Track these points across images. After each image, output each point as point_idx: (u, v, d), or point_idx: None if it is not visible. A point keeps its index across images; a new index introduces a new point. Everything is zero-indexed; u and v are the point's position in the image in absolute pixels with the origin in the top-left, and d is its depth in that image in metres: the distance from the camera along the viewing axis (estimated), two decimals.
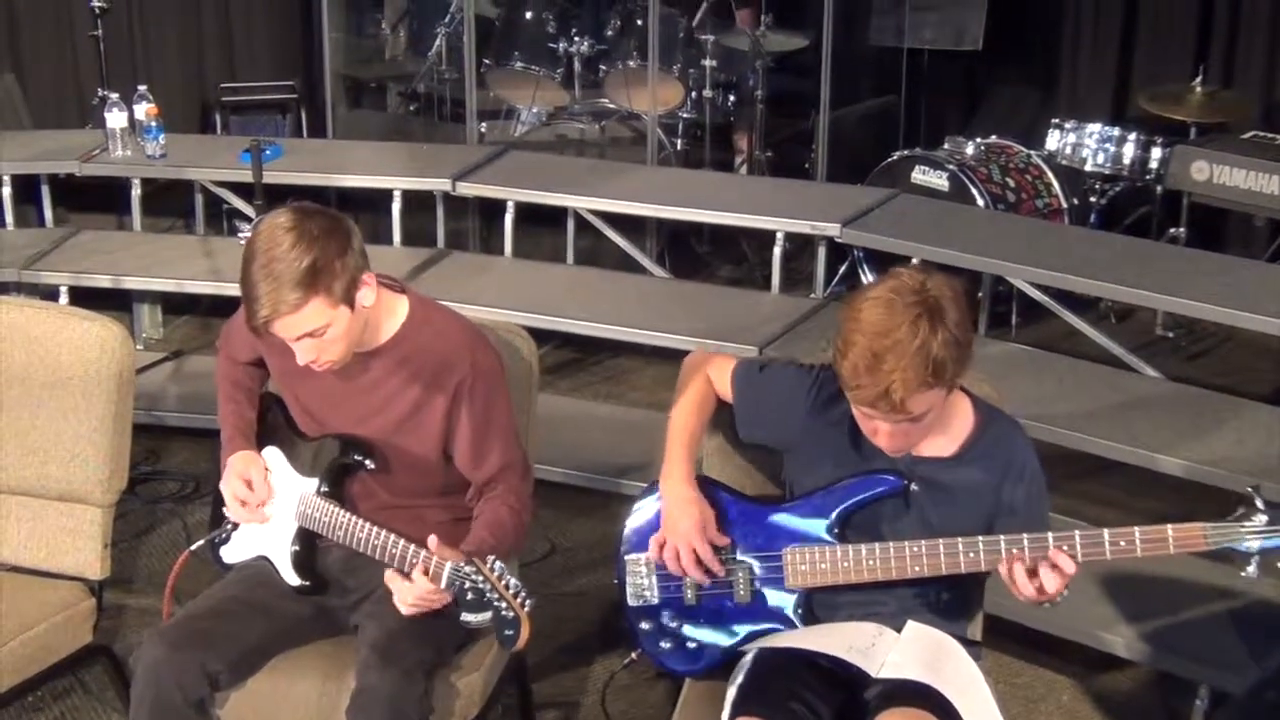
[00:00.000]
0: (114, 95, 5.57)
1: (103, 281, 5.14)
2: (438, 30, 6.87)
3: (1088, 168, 5.63)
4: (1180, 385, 4.45)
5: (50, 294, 5.13)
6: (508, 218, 5.39)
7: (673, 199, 5.31)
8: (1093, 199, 5.65)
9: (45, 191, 5.81)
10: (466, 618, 2.51)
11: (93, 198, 5.96)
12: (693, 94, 6.36)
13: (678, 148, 6.42)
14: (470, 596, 2.50)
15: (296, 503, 2.85)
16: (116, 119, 5.45)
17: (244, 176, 5.03)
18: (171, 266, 5.21)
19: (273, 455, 2.92)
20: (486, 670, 2.86)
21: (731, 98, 6.51)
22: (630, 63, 6.32)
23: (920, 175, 5.48)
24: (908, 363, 2.36)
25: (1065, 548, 2.43)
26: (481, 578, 2.48)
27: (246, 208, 5.25)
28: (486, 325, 2.97)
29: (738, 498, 2.74)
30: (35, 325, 3.04)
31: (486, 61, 6.56)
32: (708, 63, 6.27)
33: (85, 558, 3.09)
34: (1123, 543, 2.43)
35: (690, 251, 6.10)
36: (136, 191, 5.62)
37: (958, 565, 2.51)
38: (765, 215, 5.11)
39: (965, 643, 2.63)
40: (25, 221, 5.80)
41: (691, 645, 2.74)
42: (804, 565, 2.63)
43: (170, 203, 6.05)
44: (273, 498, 2.89)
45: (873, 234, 4.90)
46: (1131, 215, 5.77)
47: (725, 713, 2.54)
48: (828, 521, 2.61)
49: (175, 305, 5.62)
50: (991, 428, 2.59)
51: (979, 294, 5.19)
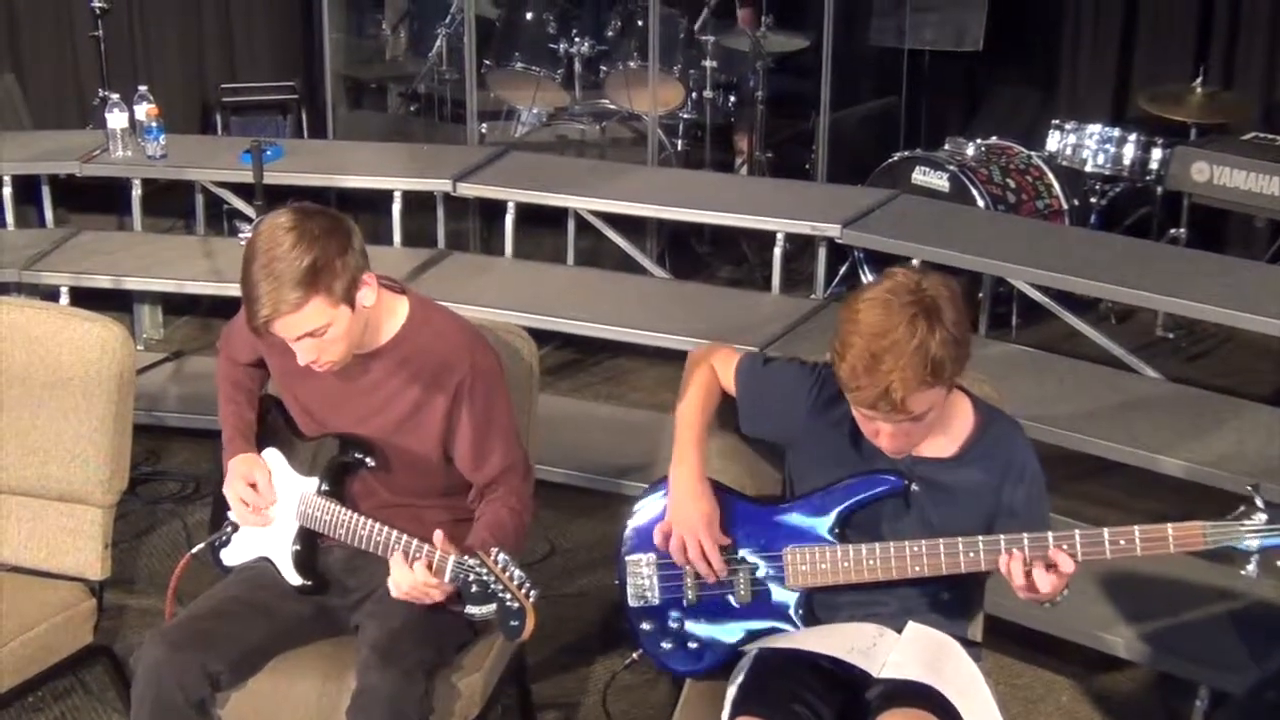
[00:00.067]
0: (114, 96, 5.57)
1: (103, 282, 5.14)
2: (438, 31, 6.87)
3: (1088, 168, 5.63)
4: (1180, 386, 4.45)
5: (51, 294, 5.13)
6: (508, 218, 5.39)
7: (673, 200, 5.31)
8: (1093, 200, 5.65)
9: (46, 192, 5.81)
10: (471, 610, 2.51)
11: (93, 198, 5.96)
12: (693, 95, 6.36)
13: (678, 148, 6.42)
14: (475, 589, 2.50)
15: (297, 503, 2.85)
16: (117, 119, 5.45)
17: (244, 177, 5.03)
18: (172, 267, 5.21)
19: (273, 456, 2.92)
20: (487, 671, 2.86)
21: (732, 98, 6.52)
22: (631, 63, 6.32)
23: (921, 176, 5.48)
24: (906, 362, 2.36)
25: (1065, 547, 2.43)
26: (485, 570, 2.49)
27: (247, 208, 5.25)
28: (487, 326, 2.97)
29: (738, 497, 2.74)
30: (36, 326, 3.04)
31: (487, 62, 6.57)
32: (708, 63, 6.27)
33: (86, 558, 3.09)
34: (1122, 542, 2.43)
35: (691, 252, 6.10)
36: (137, 192, 5.62)
37: (958, 565, 2.52)
38: (766, 216, 5.11)
39: (965, 643, 2.63)
40: (26, 222, 5.80)
41: (692, 645, 2.74)
42: (804, 565, 2.63)
43: (171, 203, 6.05)
44: (276, 500, 2.89)
45: (873, 235, 4.90)
46: (1132, 216, 5.77)
47: (725, 712, 2.54)
48: (828, 521, 2.61)
49: (175, 306, 5.62)
50: (992, 428, 2.60)
51: (979, 295, 5.19)
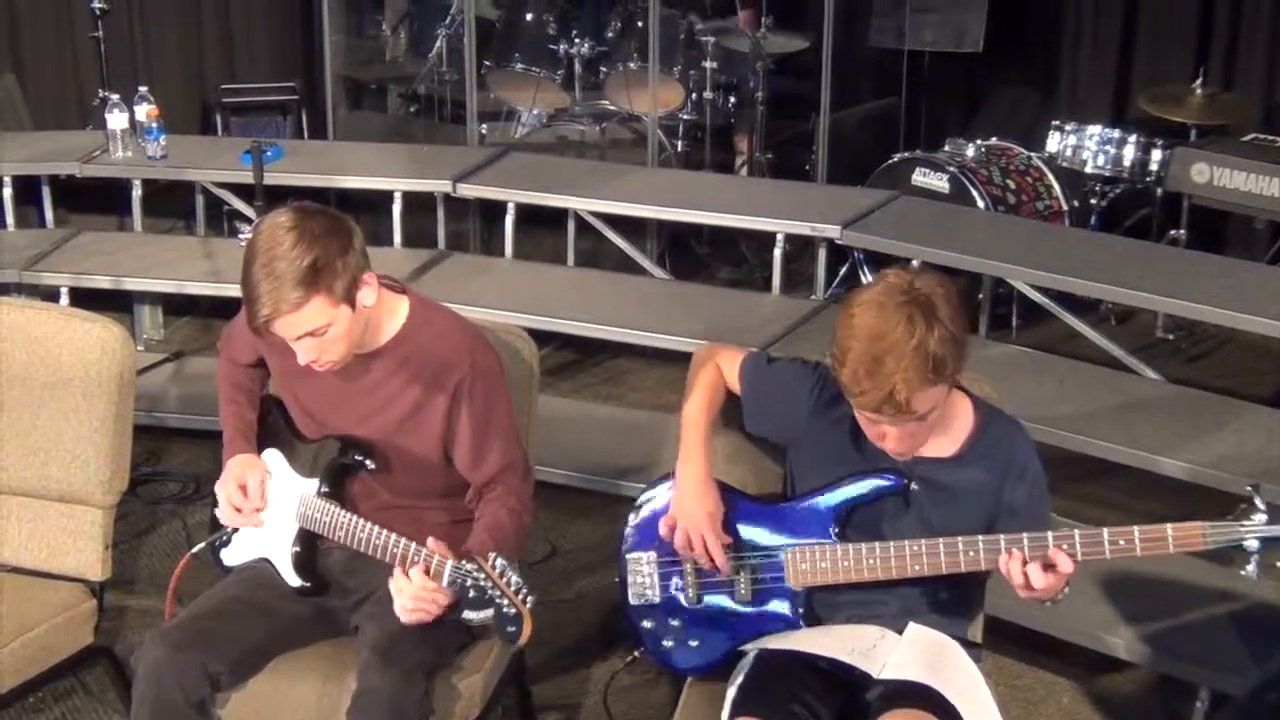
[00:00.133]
0: (114, 96, 5.57)
1: (103, 282, 5.14)
2: (438, 32, 6.87)
3: (1088, 169, 5.63)
4: (1180, 387, 4.46)
5: (51, 295, 5.13)
6: (508, 219, 5.39)
7: (673, 200, 5.31)
8: (1093, 201, 5.65)
9: (46, 192, 5.81)
10: (469, 615, 2.51)
11: (93, 199, 5.96)
12: (693, 96, 6.36)
13: (678, 149, 6.42)
14: (472, 594, 2.50)
15: (297, 504, 2.85)
16: (117, 120, 5.45)
17: (245, 178, 5.03)
18: (172, 268, 5.21)
19: (273, 457, 2.92)
20: (487, 672, 2.86)
21: (732, 99, 6.51)
22: (631, 64, 6.32)
23: (921, 177, 5.48)
24: (908, 362, 2.36)
25: (1065, 547, 2.43)
26: (483, 575, 2.48)
27: (247, 209, 5.26)
28: (487, 327, 2.97)
29: (740, 496, 2.74)
30: (36, 326, 3.04)
31: (487, 63, 6.57)
32: (708, 64, 6.27)
33: (86, 559, 3.09)
34: (1122, 542, 2.43)
35: (691, 253, 6.10)
36: (137, 192, 5.62)
37: (958, 564, 2.52)
38: (766, 217, 5.11)
39: (966, 644, 2.63)
40: (26, 222, 5.80)
41: (693, 643, 2.74)
42: (805, 564, 2.63)
43: (171, 204, 6.05)
44: (268, 504, 2.89)
45: (873, 236, 4.90)
46: (1132, 217, 5.77)
47: (725, 713, 2.54)
48: (828, 521, 2.61)
49: (176, 306, 5.61)
50: (992, 427, 2.60)
51: (979, 296, 5.20)
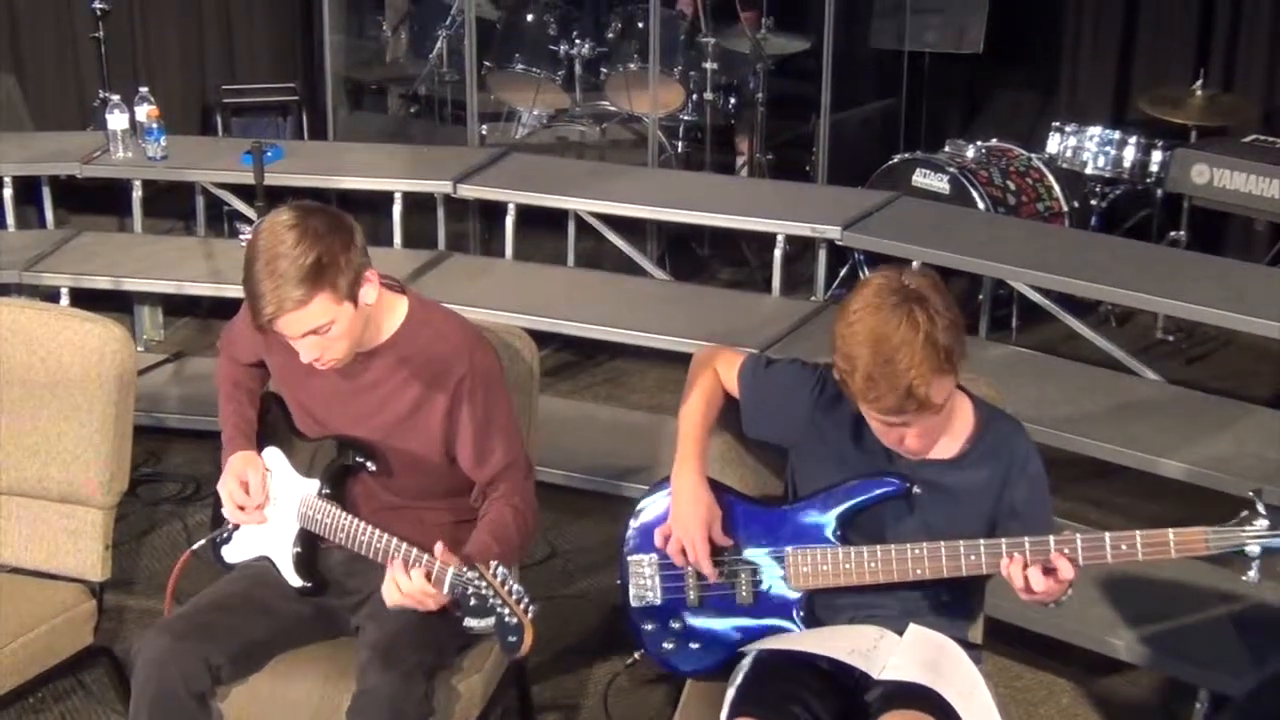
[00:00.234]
0: (115, 97, 5.57)
1: (103, 283, 5.14)
2: (439, 32, 6.86)
3: (1088, 171, 5.62)
4: (1181, 389, 4.45)
5: (51, 295, 5.13)
6: (508, 220, 5.39)
7: (673, 201, 5.31)
8: (1093, 202, 5.65)
9: (46, 193, 5.81)
10: (470, 623, 2.50)
11: (94, 199, 5.96)
12: (693, 96, 6.36)
13: (678, 150, 6.42)
14: (473, 602, 2.49)
15: (298, 504, 2.85)
16: (117, 120, 5.44)
17: (245, 178, 5.02)
18: (172, 268, 5.21)
19: (273, 456, 2.92)
20: (487, 673, 2.86)
21: (732, 100, 6.51)
22: (631, 65, 6.31)
23: (921, 178, 5.48)
24: (920, 356, 2.36)
25: (1066, 551, 2.43)
26: (485, 583, 2.47)
27: (247, 209, 5.25)
28: (487, 327, 2.97)
29: (740, 498, 2.74)
30: (36, 327, 3.04)
31: (487, 64, 6.56)
32: (709, 65, 6.26)
33: (86, 559, 3.09)
34: (1124, 546, 2.42)
35: (691, 254, 6.10)
36: (137, 193, 5.61)
37: (959, 568, 2.51)
38: (766, 218, 5.11)
39: (966, 645, 2.62)
40: (26, 223, 5.79)
41: (694, 646, 2.74)
42: (806, 566, 2.63)
43: (171, 204, 6.05)
44: (270, 500, 2.89)
45: (873, 237, 4.90)
46: (1132, 218, 5.77)
47: (724, 713, 2.54)
48: (830, 523, 2.61)
49: (176, 307, 5.61)
50: (993, 428, 2.60)
51: (979, 297, 5.19)
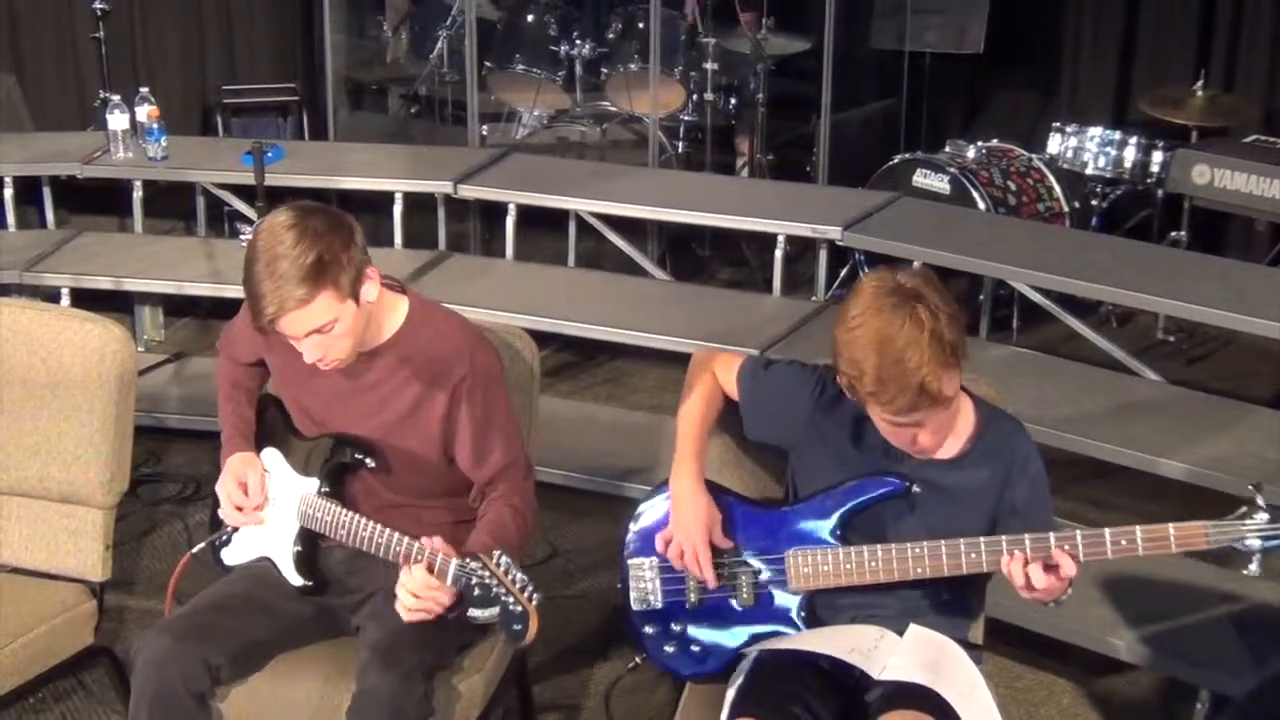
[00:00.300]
0: (115, 97, 5.57)
1: (104, 283, 5.14)
2: (439, 33, 6.87)
3: (1089, 171, 5.63)
4: (1181, 389, 4.46)
5: (51, 296, 5.13)
6: (509, 220, 5.39)
7: (674, 202, 5.31)
8: (1094, 202, 5.65)
9: (47, 193, 5.80)
10: (474, 613, 2.50)
11: (94, 199, 5.96)
12: (694, 97, 6.36)
13: (679, 150, 6.42)
14: (477, 592, 2.49)
15: (298, 503, 2.85)
16: (118, 121, 5.45)
17: (245, 178, 5.03)
18: (173, 268, 5.21)
19: (272, 456, 2.92)
20: (488, 673, 2.86)
21: (733, 101, 6.51)
22: (631, 66, 6.32)
23: (921, 178, 5.47)
24: (929, 353, 2.36)
25: (1067, 547, 2.43)
26: (488, 573, 2.48)
27: (248, 210, 5.26)
28: (488, 328, 2.97)
29: (740, 500, 2.73)
30: (37, 327, 3.04)
31: (488, 64, 6.57)
32: (709, 66, 6.27)
33: (86, 559, 3.09)
34: (1124, 542, 2.42)
35: (691, 254, 6.10)
36: (138, 193, 5.62)
37: (959, 566, 2.51)
38: (766, 218, 5.11)
39: (966, 646, 2.62)
40: (27, 223, 5.80)
41: (695, 648, 2.74)
42: (806, 567, 2.63)
43: (171, 205, 6.05)
44: (269, 501, 2.89)
45: (874, 237, 4.90)
46: (1133, 219, 5.77)
47: (724, 714, 2.54)
48: (830, 524, 2.61)
49: (176, 307, 5.61)
50: (994, 427, 2.60)
51: (980, 297, 5.20)
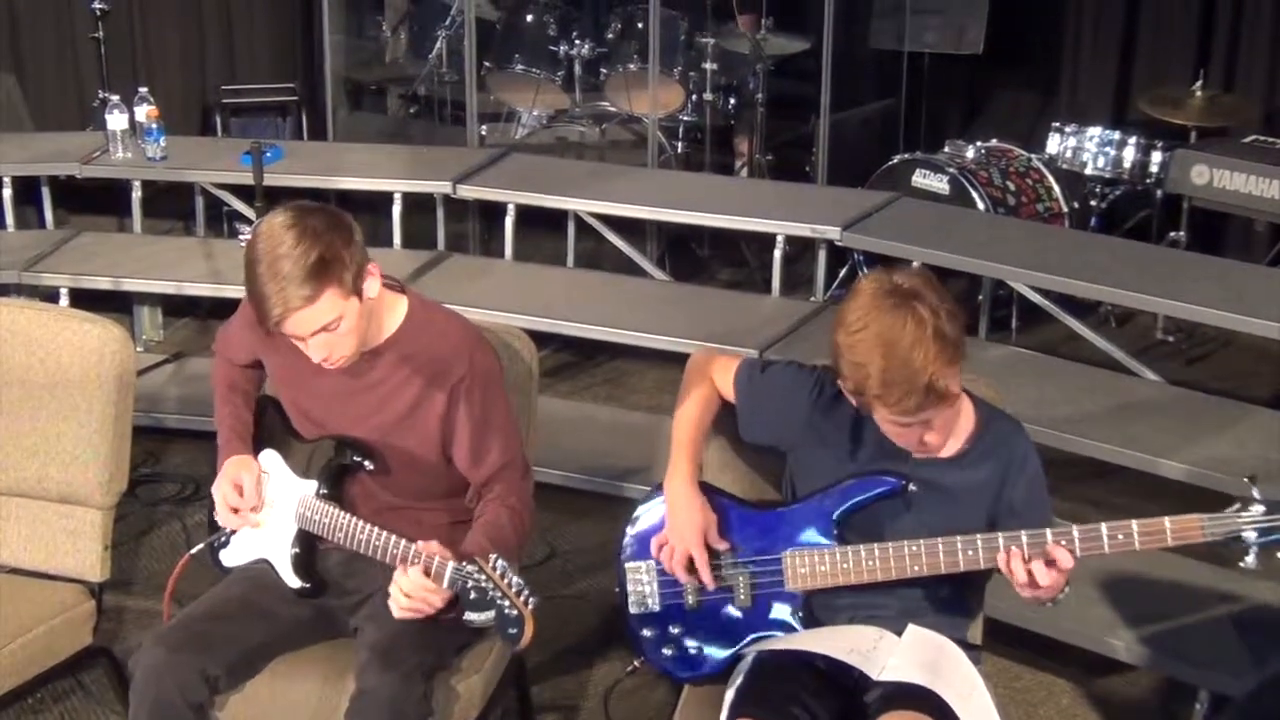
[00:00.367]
0: (114, 97, 5.57)
1: (103, 283, 5.13)
2: (438, 33, 6.86)
3: (1088, 171, 5.62)
4: (1180, 389, 4.45)
5: (50, 296, 5.13)
6: (508, 220, 5.38)
7: (673, 202, 5.31)
8: (1093, 203, 5.65)
9: (46, 193, 5.80)
10: (470, 617, 2.50)
11: (93, 200, 5.95)
12: (693, 97, 6.36)
13: (678, 151, 6.42)
14: (473, 595, 2.49)
15: (296, 505, 2.84)
16: (117, 121, 5.44)
17: (244, 179, 5.02)
18: (172, 269, 5.21)
19: (270, 458, 2.91)
20: (486, 673, 2.86)
21: (732, 101, 6.51)
22: (631, 66, 6.31)
23: (921, 179, 5.47)
24: (934, 352, 2.37)
25: (1064, 542, 2.43)
26: (484, 576, 2.48)
27: (247, 210, 5.25)
28: (487, 328, 2.97)
29: (736, 502, 2.73)
30: (35, 327, 3.03)
31: (487, 64, 6.56)
32: (708, 66, 6.27)
33: (85, 560, 3.09)
34: (1121, 536, 2.43)
35: (691, 254, 6.10)
36: (137, 194, 5.61)
37: (957, 564, 2.51)
38: (766, 218, 5.10)
39: (965, 646, 2.62)
40: (26, 223, 5.79)
41: (693, 651, 2.74)
42: (804, 568, 2.63)
43: (171, 205, 6.04)
44: (265, 503, 2.88)
45: (873, 237, 4.89)
46: (1132, 219, 5.77)
47: (724, 714, 2.54)
48: (827, 524, 2.61)
49: (175, 307, 5.61)
50: (993, 427, 2.60)
51: (979, 297, 5.19)
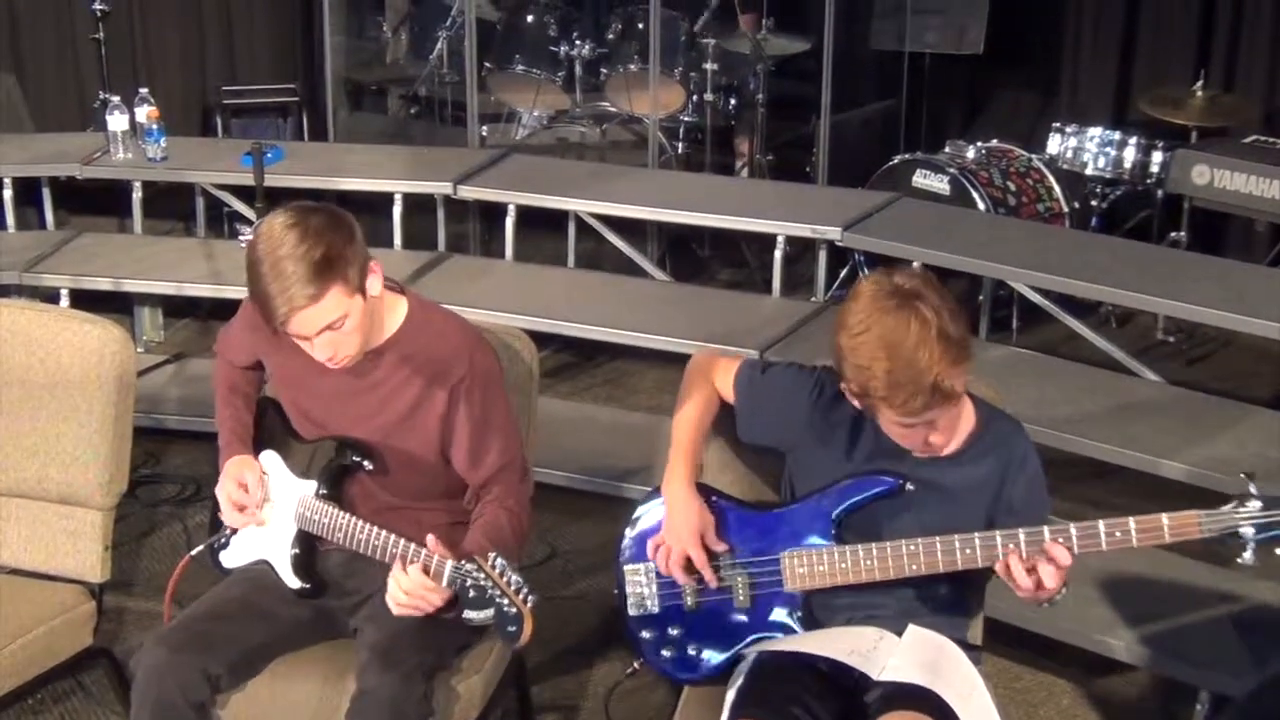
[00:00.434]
0: (115, 98, 5.57)
1: (103, 284, 5.14)
2: (439, 33, 6.87)
3: (1089, 171, 5.62)
4: (1181, 389, 4.45)
5: (51, 296, 5.13)
6: (509, 221, 5.38)
7: (674, 202, 5.31)
8: (1094, 203, 5.65)
9: (46, 194, 5.80)
10: (469, 615, 2.51)
11: (94, 200, 5.96)
12: (694, 97, 6.36)
13: (679, 151, 6.42)
14: (472, 594, 2.49)
15: (296, 505, 2.85)
16: (117, 121, 5.44)
17: (245, 179, 5.02)
18: (172, 269, 5.21)
19: (270, 459, 2.92)
20: (486, 673, 2.86)
21: (733, 101, 6.51)
22: (631, 66, 6.32)
23: (921, 179, 5.47)
24: (939, 351, 2.37)
25: (1061, 540, 2.43)
26: (483, 575, 2.48)
27: (247, 211, 5.26)
28: (487, 328, 2.97)
29: (735, 503, 2.73)
30: (36, 328, 3.04)
31: (487, 65, 6.56)
32: (709, 66, 6.27)
33: (86, 560, 3.09)
34: (1118, 533, 2.43)
35: (691, 255, 6.10)
36: (137, 194, 5.62)
37: (955, 563, 2.51)
38: (766, 219, 5.11)
39: (965, 646, 2.62)
40: (26, 224, 5.79)
41: (692, 652, 2.74)
42: (802, 568, 2.63)
43: (171, 205, 6.05)
44: (269, 502, 2.89)
45: (874, 238, 4.90)
46: (1132, 219, 5.77)
47: (724, 715, 2.54)
48: (825, 524, 2.61)
49: (175, 308, 5.61)
50: (993, 427, 2.60)
51: (980, 298, 5.19)
